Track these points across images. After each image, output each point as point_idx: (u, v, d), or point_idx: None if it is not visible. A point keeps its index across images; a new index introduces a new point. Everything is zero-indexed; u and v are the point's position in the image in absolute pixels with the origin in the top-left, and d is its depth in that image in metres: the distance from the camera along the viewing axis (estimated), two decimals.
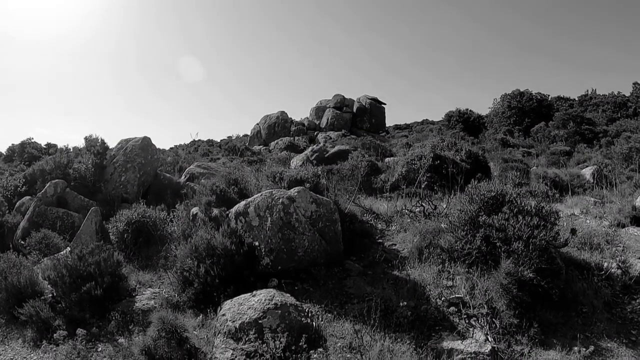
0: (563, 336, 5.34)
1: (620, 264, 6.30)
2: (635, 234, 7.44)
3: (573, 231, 7.12)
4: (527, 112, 38.67)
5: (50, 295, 6.61)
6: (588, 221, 8.29)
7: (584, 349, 4.99)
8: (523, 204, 6.39)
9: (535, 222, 6.01)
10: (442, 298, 5.91)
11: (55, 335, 5.59)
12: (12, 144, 33.04)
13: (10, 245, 8.99)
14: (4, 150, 33.65)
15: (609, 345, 5.19)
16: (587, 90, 51.11)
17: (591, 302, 5.81)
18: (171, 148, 41.13)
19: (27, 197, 12.25)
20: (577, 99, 49.91)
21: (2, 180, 14.10)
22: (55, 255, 7.57)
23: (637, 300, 5.87)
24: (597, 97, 48.27)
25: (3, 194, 12.94)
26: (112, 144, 14.26)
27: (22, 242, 9.38)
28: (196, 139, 36.84)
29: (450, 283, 6.21)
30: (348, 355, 4.54)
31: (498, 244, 6.02)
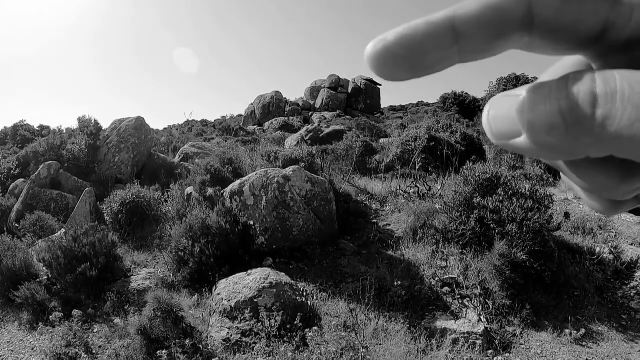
0: (555, 318, 5.41)
1: (612, 249, 6.37)
2: (628, 220, 7.51)
3: (566, 215, 7.17)
4: None
5: (46, 277, 6.61)
6: (581, 206, 8.34)
7: (575, 332, 5.07)
8: (518, 187, 6.41)
9: (530, 205, 6.04)
10: (436, 278, 5.96)
11: (51, 317, 5.59)
12: (5, 127, 32.69)
13: (5, 228, 8.97)
14: None
15: (599, 328, 5.27)
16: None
17: (583, 286, 5.88)
18: (165, 128, 40.89)
19: (21, 180, 12.17)
20: None
21: None
22: (50, 237, 7.55)
23: (628, 286, 5.95)
24: None
25: None
26: (105, 125, 14.15)
27: (17, 224, 9.34)
28: (190, 119, 36.64)
29: (444, 264, 6.26)
30: (343, 334, 4.58)
31: (492, 225, 6.05)
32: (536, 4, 0.30)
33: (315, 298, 5.71)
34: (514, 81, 40.43)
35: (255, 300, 5.06)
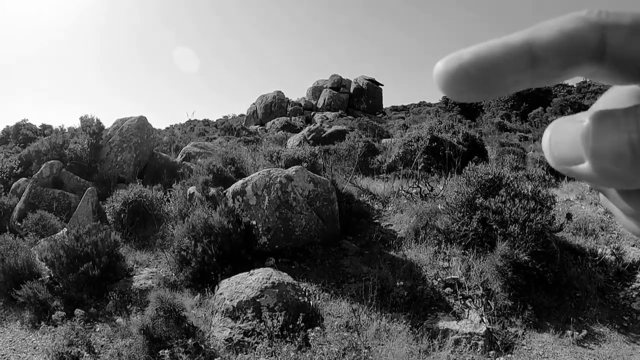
0: (556, 319, 5.41)
1: (614, 250, 6.36)
2: None
3: (568, 216, 7.16)
4: (525, 97, 38.52)
5: (48, 276, 6.61)
6: (583, 207, 8.33)
7: (577, 333, 5.06)
8: (520, 188, 6.41)
9: (532, 206, 6.04)
10: (438, 279, 5.96)
11: (53, 316, 5.60)
12: (7, 126, 32.72)
13: (7, 227, 8.98)
14: None
15: (601, 330, 5.27)
16: (587, 78, 51.13)
17: (585, 287, 5.88)
18: (167, 128, 40.92)
19: (23, 179, 12.19)
20: (575, 85, 50.07)
21: None
22: (52, 236, 7.55)
23: (630, 287, 5.95)
24: (595, 85, 48.24)
25: None
26: (106, 125, 14.18)
27: (19, 223, 9.35)
28: (192, 119, 36.63)
29: (446, 264, 6.26)
30: (345, 334, 4.58)
31: (494, 226, 6.05)
32: (609, 34, 0.30)
33: (317, 298, 5.71)
34: None
35: (258, 300, 5.06)
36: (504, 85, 0.32)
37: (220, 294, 5.38)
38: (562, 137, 0.32)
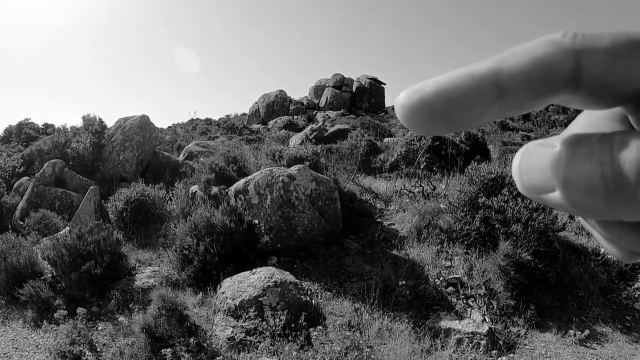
0: (559, 319, 5.40)
1: None
2: None
3: (571, 216, 7.14)
4: None
5: (50, 275, 6.63)
6: None
7: (579, 333, 5.05)
8: None
9: (534, 205, 6.02)
10: (441, 278, 5.95)
11: (55, 314, 5.61)
12: (9, 125, 32.76)
13: (9, 226, 9.00)
14: (1, 131, 33.35)
15: (604, 330, 5.26)
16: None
17: (587, 287, 5.87)
18: (169, 127, 40.92)
19: (25, 178, 12.22)
20: None
21: None
22: (55, 235, 7.57)
23: (633, 287, 5.93)
24: None
25: (1, 175, 12.92)
26: (109, 124, 14.21)
27: (21, 222, 9.38)
28: (194, 118, 36.62)
29: (448, 263, 6.25)
30: (347, 333, 4.58)
31: (497, 225, 6.04)
32: (584, 60, 0.28)
33: (319, 297, 5.70)
34: None
35: (260, 299, 5.06)
36: (469, 119, 0.29)
37: (223, 292, 5.38)
38: (533, 162, 0.30)
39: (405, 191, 9.09)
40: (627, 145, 0.26)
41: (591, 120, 0.36)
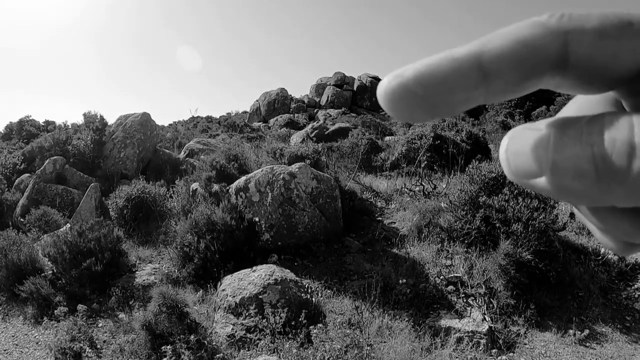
0: (559, 319, 5.40)
1: None
2: None
3: (572, 215, 7.14)
4: (529, 95, 38.39)
5: (51, 272, 6.63)
6: None
7: (579, 333, 5.05)
8: None
9: (535, 205, 6.02)
10: (441, 277, 5.95)
11: (55, 311, 5.62)
12: (10, 122, 32.74)
13: (10, 223, 9.01)
14: (1, 128, 33.31)
15: (603, 329, 5.26)
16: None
17: (587, 287, 5.87)
18: (170, 124, 40.90)
19: (26, 175, 12.23)
20: None
21: (0, 158, 14.05)
22: (55, 231, 7.58)
23: (633, 287, 5.93)
24: None
25: (2, 172, 12.92)
26: (110, 121, 14.21)
27: (22, 219, 9.38)
28: (195, 115, 36.63)
29: (449, 262, 6.25)
30: (347, 331, 4.58)
31: (497, 224, 6.04)
32: (572, 41, 0.27)
33: (320, 295, 5.71)
34: None
35: (260, 296, 5.06)
36: (453, 104, 0.28)
37: (223, 290, 5.38)
38: (521, 146, 0.29)
39: (406, 190, 9.09)
40: (618, 125, 0.25)
41: (582, 104, 0.35)
